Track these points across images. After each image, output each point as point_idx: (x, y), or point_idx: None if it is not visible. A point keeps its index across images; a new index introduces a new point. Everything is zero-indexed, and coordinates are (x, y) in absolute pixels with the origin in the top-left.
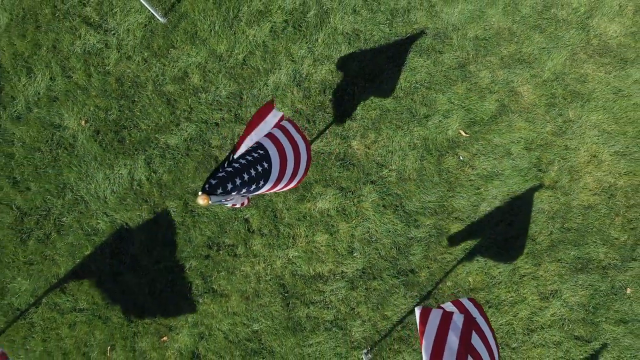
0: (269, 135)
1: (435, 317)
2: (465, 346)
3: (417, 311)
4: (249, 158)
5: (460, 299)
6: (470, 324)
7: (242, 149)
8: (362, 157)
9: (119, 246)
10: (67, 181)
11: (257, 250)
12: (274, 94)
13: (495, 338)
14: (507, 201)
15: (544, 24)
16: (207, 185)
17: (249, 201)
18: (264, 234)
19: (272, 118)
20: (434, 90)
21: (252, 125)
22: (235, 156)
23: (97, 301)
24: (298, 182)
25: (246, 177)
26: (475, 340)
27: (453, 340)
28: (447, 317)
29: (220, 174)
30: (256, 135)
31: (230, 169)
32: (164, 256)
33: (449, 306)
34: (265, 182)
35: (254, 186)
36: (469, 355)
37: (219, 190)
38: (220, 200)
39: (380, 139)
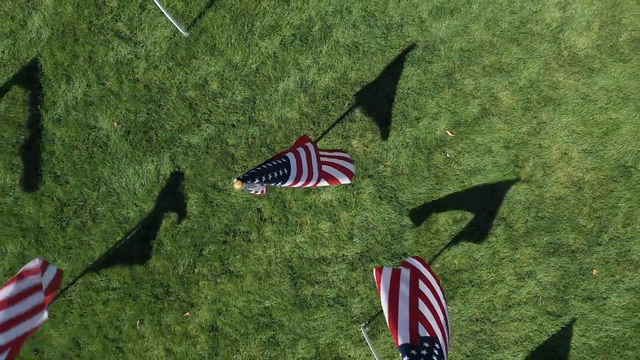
0: (293, 151)
1: (387, 273)
2: (414, 291)
3: (374, 271)
4: (275, 164)
5: (406, 259)
6: (415, 275)
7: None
8: (361, 154)
9: (146, 233)
10: (101, 175)
11: (268, 236)
12: (283, 99)
13: (439, 283)
14: (488, 193)
15: (520, 37)
16: (242, 176)
17: (266, 191)
18: (274, 222)
19: (302, 141)
20: (424, 95)
21: (293, 147)
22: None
23: (128, 281)
24: (313, 185)
25: (270, 177)
26: (422, 286)
27: (404, 288)
28: (396, 272)
29: (252, 171)
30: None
31: (259, 169)
32: (187, 242)
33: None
34: (283, 182)
35: (273, 183)
36: (418, 299)
37: (249, 181)
38: (248, 188)
39: (376, 138)
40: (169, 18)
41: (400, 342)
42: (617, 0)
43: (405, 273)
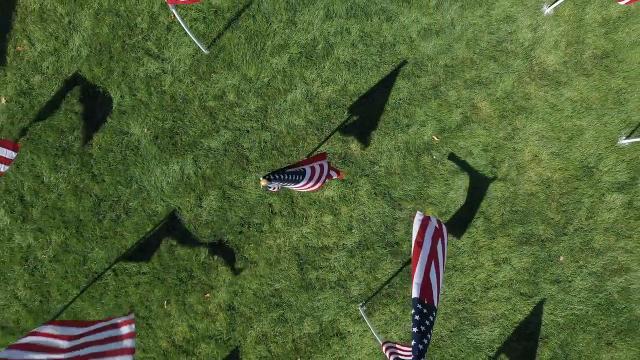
0: (311, 166)
1: (431, 226)
2: (433, 251)
3: (421, 217)
4: (294, 170)
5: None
6: (438, 233)
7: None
8: (358, 156)
9: (172, 224)
10: (133, 175)
11: (278, 228)
12: (291, 108)
13: (445, 250)
14: (469, 190)
15: (497, 55)
16: (267, 176)
17: (279, 189)
18: (283, 215)
19: (319, 158)
20: (413, 105)
21: (311, 160)
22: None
23: (156, 266)
24: (317, 188)
25: (287, 177)
26: (439, 247)
27: (427, 245)
28: (438, 231)
29: (275, 173)
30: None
31: (281, 172)
32: (207, 232)
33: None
34: (295, 184)
35: (287, 184)
36: (432, 261)
37: (271, 180)
38: (269, 185)
39: (372, 142)
40: (192, 38)
41: (415, 295)
42: (581, 23)
43: (434, 223)
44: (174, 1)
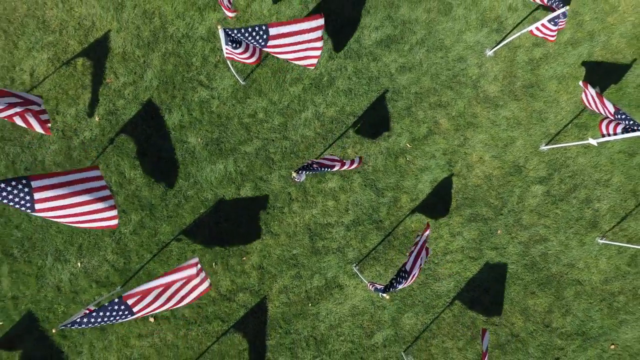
0: (325, 161)
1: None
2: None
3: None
4: (320, 162)
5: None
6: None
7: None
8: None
9: (218, 207)
10: (190, 172)
11: (295, 210)
12: (304, 123)
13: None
14: (433, 183)
15: (453, 85)
16: (296, 170)
17: (303, 179)
18: (299, 201)
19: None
20: (392, 121)
21: (327, 159)
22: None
23: (207, 238)
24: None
25: (312, 170)
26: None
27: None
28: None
29: (303, 167)
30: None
31: (307, 166)
32: (243, 213)
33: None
34: (317, 172)
35: (312, 172)
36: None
37: (301, 172)
38: (297, 177)
39: (362, 148)
40: (233, 73)
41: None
42: (513, 62)
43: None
44: (230, 58)
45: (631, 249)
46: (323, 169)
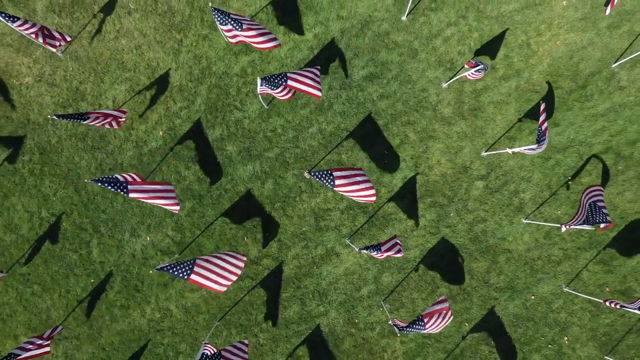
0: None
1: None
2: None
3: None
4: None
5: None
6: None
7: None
8: (347, 162)
9: (249, 198)
10: (228, 171)
11: (304, 199)
12: (311, 136)
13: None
14: (403, 179)
15: (418, 108)
16: (308, 171)
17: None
18: (307, 192)
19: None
20: (375, 135)
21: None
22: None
23: (241, 219)
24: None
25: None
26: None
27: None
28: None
29: (318, 172)
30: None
31: (320, 172)
32: (267, 201)
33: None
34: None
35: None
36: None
37: (315, 174)
38: (308, 176)
39: (352, 155)
40: (260, 99)
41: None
42: (462, 91)
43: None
44: (262, 92)
45: (546, 227)
46: (379, 251)
